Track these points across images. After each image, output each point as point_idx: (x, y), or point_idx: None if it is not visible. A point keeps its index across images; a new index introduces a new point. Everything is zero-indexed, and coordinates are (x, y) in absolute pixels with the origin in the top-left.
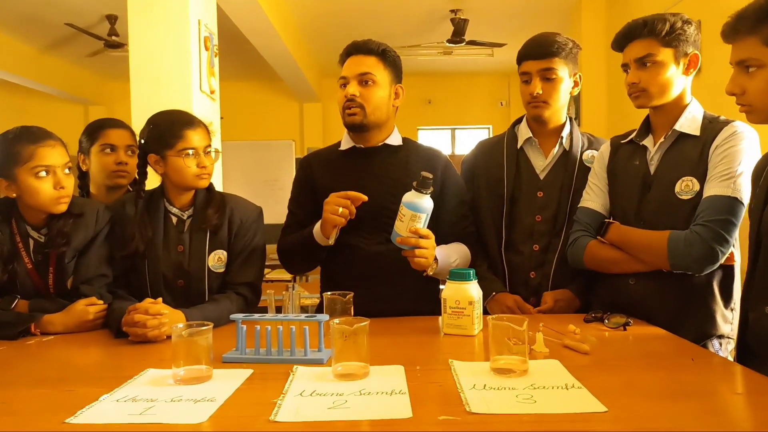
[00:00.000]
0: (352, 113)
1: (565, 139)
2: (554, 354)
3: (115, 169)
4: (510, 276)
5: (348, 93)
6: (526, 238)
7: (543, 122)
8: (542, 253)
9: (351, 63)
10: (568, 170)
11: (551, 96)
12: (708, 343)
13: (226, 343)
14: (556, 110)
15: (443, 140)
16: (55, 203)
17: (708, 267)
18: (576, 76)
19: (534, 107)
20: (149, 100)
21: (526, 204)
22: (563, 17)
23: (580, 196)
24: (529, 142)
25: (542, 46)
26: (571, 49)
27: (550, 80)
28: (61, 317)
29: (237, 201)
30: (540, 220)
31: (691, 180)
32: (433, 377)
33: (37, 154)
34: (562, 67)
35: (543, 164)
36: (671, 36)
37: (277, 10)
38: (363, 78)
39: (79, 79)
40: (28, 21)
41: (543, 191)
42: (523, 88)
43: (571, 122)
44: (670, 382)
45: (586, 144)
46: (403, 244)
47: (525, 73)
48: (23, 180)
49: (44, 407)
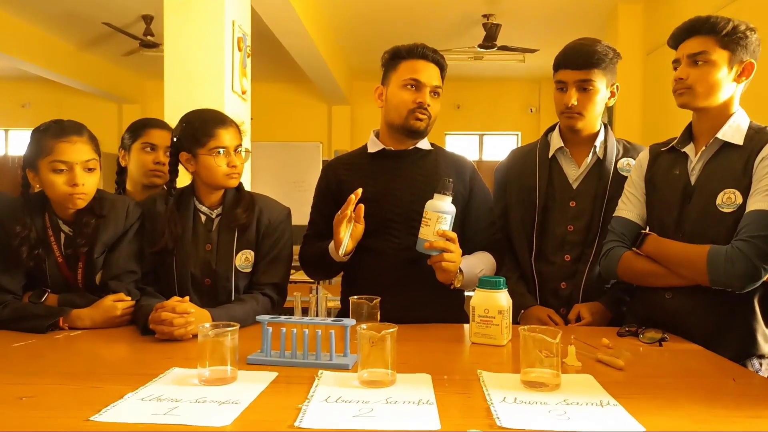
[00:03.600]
0: (420, 119)
1: (599, 147)
2: (587, 368)
3: (153, 168)
4: (540, 286)
5: (424, 101)
6: (558, 248)
7: (576, 132)
8: (574, 264)
9: (426, 70)
10: (602, 179)
11: (586, 107)
12: (747, 363)
13: (251, 344)
14: (591, 121)
15: (471, 146)
16: (67, 199)
17: (750, 285)
18: (613, 87)
19: (568, 117)
20: (183, 99)
21: (559, 213)
22: (599, 22)
23: (614, 206)
24: (561, 151)
25: (582, 55)
26: (611, 60)
27: (587, 91)
28: (89, 312)
29: (266, 201)
30: (572, 230)
31: (734, 192)
32: (461, 388)
33: (57, 149)
34: (600, 78)
35: (576, 173)
36: (731, 38)
37: (310, 12)
38: (435, 89)
39: (114, 77)
40: (67, 19)
41: (576, 201)
42: (558, 96)
43: (606, 129)
44: (710, 402)
45: (622, 152)
46: (430, 248)
47: (561, 82)
48: (43, 173)
49: (70, 403)
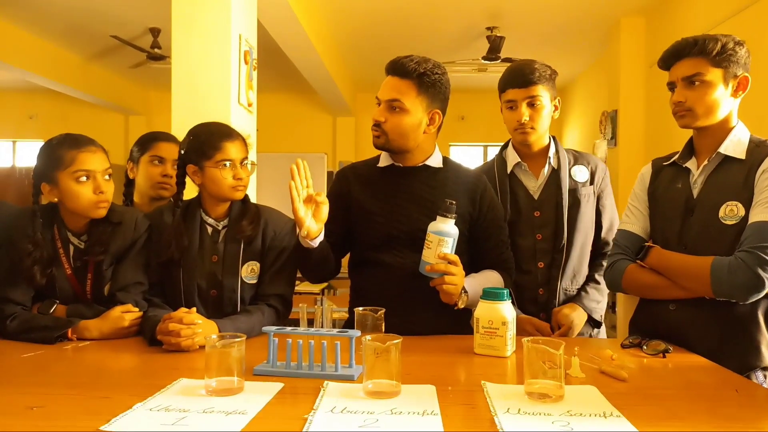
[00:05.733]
0: (377, 136)
1: (553, 158)
2: (590, 380)
3: (160, 180)
4: (517, 296)
5: (374, 116)
6: (531, 257)
7: (530, 146)
8: (547, 270)
9: (386, 84)
10: (560, 188)
11: (536, 121)
12: (751, 375)
13: (258, 355)
14: (541, 134)
15: (475, 157)
16: (94, 208)
17: (753, 295)
18: (556, 101)
19: (521, 133)
20: (189, 111)
21: (525, 225)
22: (601, 35)
23: (574, 212)
24: (519, 166)
25: (525, 74)
26: (550, 75)
27: (535, 106)
28: (97, 323)
29: (271, 213)
30: (540, 238)
31: (736, 205)
32: (466, 399)
33: (79, 159)
34: (544, 93)
35: (535, 185)
36: (722, 56)
37: (315, 25)
38: (391, 104)
39: (121, 89)
40: (74, 32)
41: (540, 210)
42: (508, 115)
43: (555, 142)
44: (713, 414)
45: (572, 161)
46: (432, 272)
47: (510, 101)
48: (64, 184)
49: (79, 413)
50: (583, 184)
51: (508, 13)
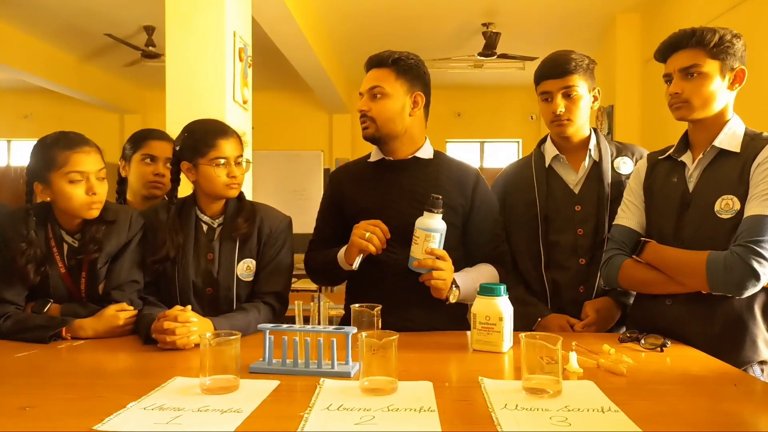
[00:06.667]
0: (365, 127)
1: (593, 150)
2: (588, 375)
3: (153, 179)
4: (554, 294)
5: (359, 107)
6: (571, 253)
7: (568, 139)
8: (588, 267)
9: (366, 78)
10: (602, 181)
11: (573, 113)
12: (749, 369)
13: (253, 352)
14: (580, 126)
15: (472, 153)
16: (86, 209)
17: (749, 289)
18: (595, 91)
19: (558, 125)
20: (184, 109)
21: (565, 220)
22: (597, 31)
23: (617, 206)
24: (557, 159)
25: (561, 64)
26: (588, 65)
27: (571, 97)
28: (92, 322)
29: (267, 210)
30: (582, 233)
31: (732, 198)
32: (463, 395)
33: (72, 160)
34: (581, 83)
35: (575, 178)
36: (719, 48)
37: (310, 21)
38: (372, 92)
39: (115, 87)
40: (68, 31)
41: (580, 205)
42: (545, 107)
43: (596, 133)
44: (711, 409)
45: (615, 152)
46: (419, 267)
47: (545, 92)
48: (57, 185)
49: (72, 412)
50: (628, 176)
51: (503, 10)
